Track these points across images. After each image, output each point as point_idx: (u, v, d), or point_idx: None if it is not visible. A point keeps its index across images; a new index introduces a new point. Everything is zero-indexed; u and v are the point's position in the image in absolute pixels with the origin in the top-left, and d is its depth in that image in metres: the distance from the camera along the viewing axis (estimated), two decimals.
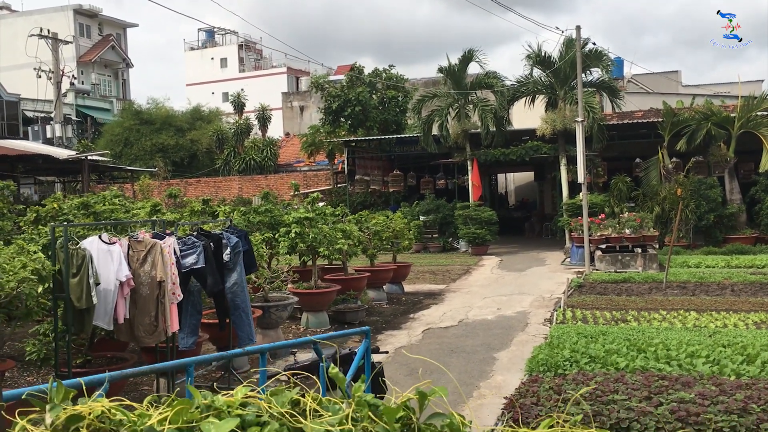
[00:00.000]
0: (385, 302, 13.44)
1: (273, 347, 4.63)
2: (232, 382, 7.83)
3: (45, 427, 1.71)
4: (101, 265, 5.71)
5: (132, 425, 1.72)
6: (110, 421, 1.75)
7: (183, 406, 1.76)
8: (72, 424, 1.69)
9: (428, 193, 25.02)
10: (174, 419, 1.73)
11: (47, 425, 1.70)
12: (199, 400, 1.82)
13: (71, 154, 25.76)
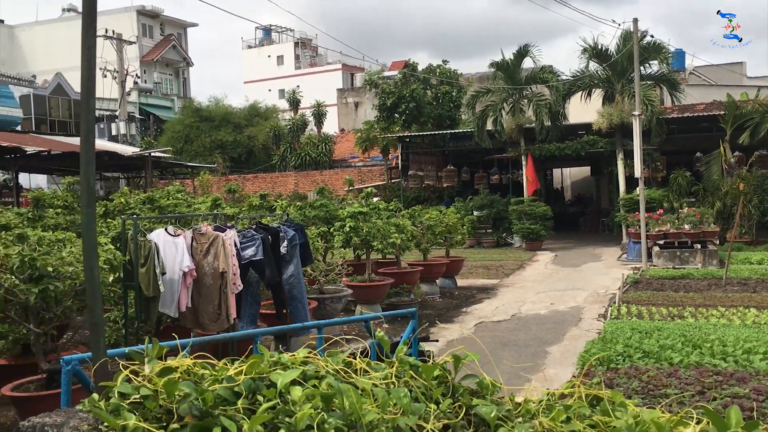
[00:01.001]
0: (437, 296, 13.57)
1: (330, 323, 4.96)
2: None
3: (144, 376, 1.96)
4: (167, 256, 6.03)
5: (214, 376, 1.97)
6: (194, 375, 2.00)
7: (255, 361, 2.01)
8: (165, 375, 1.94)
9: (482, 189, 25.00)
10: (248, 371, 1.99)
11: (146, 374, 1.96)
12: (267, 357, 2.06)
13: (135, 151, 26.70)
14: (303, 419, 1.76)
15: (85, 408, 1.92)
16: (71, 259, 5.56)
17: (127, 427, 1.73)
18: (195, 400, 1.84)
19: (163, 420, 1.84)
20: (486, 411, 1.86)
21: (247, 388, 1.94)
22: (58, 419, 1.82)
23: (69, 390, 2.98)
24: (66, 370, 2.95)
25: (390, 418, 1.78)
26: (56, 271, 5.36)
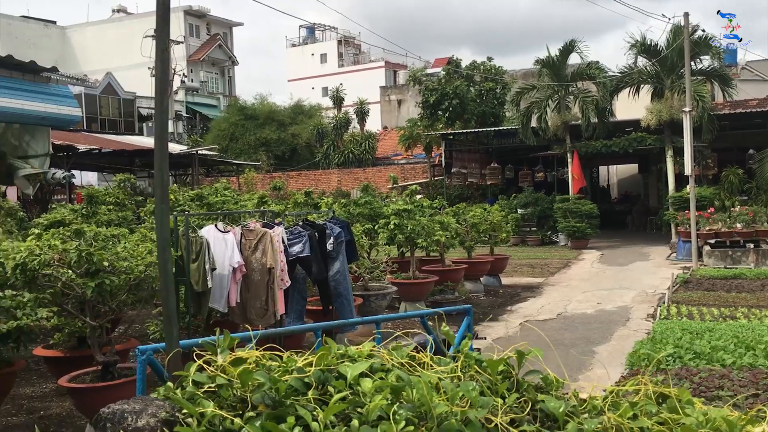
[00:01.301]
0: (482, 294, 13.51)
1: (388, 318, 5.01)
2: None
3: (216, 366, 2.02)
4: (217, 252, 6.14)
5: (283, 367, 2.02)
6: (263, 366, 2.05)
7: (324, 353, 2.05)
8: (237, 365, 2.00)
9: (526, 186, 24.77)
10: (317, 363, 2.04)
11: (218, 364, 2.02)
12: (335, 350, 2.10)
13: (183, 149, 27.17)
14: (374, 410, 1.78)
15: (160, 396, 1.98)
16: (125, 255, 5.71)
17: (205, 414, 1.78)
18: (268, 390, 1.89)
19: (237, 408, 1.89)
20: (554, 406, 1.86)
21: (316, 379, 1.98)
22: (137, 406, 1.88)
23: (144, 379, 3.08)
24: (141, 360, 3.05)
25: (460, 411, 1.80)
26: (111, 265, 5.51)
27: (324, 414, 1.77)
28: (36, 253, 5.32)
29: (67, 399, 7.28)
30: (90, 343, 5.80)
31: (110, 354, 5.75)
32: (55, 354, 7.22)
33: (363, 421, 1.78)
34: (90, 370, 5.88)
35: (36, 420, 6.71)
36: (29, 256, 5.30)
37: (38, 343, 7.44)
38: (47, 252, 5.34)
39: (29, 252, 5.32)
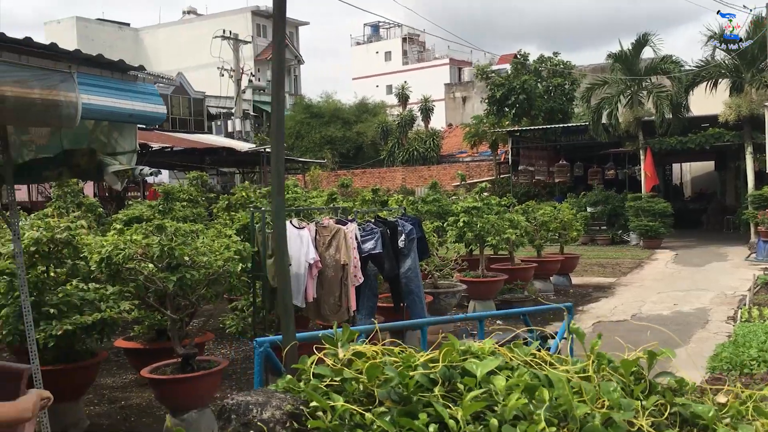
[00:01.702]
0: (551, 294, 13.25)
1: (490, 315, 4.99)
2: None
3: (337, 359, 2.02)
4: (292, 248, 6.18)
5: (404, 362, 1.99)
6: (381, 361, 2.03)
7: (449, 348, 2.01)
8: (356, 359, 1.99)
9: (596, 184, 24.20)
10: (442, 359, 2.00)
11: (339, 358, 2.02)
12: (458, 346, 2.06)
13: (251, 147, 27.67)
14: (512, 409, 1.74)
15: (280, 389, 1.98)
16: (204, 249, 5.82)
17: (336, 409, 1.77)
18: (396, 385, 1.86)
19: (364, 403, 1.87)
20: (703, 410, 1.78)
21: (442, 375, 1.94)
22: (260, 398, 1.88)
23: (262, 371, 3.12)
24: (258, 352, 3.09)
25: (603, 413, 1.73)
26: (191, 260, 5.62)
27: (463, 411, 1.73)
28: (120, 248, 5.47)
29: (147, 390, 7.49)
30: (170, 335, 5.93)
31: (190, 346, 5.88)
32: (135, 346, 7.45)
33: (500, 420, 1.73)
34: (170, 362, 6.02)
35: (117, 410, 6.94)
36: (114, 251, 5.46)
37: (118, 335, 7.68)
38: (131, 246, 5.49)
39: (114, 246, 5.48)
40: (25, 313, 4.48)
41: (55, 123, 3.73)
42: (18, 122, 3.73)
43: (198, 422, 5.72)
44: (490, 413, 1.77)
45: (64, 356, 6.22)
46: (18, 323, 6.09)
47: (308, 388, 1.90)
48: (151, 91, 4.36)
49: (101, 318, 6.05)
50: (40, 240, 6.08)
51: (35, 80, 3.62)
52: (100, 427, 6.42)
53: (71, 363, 6.17)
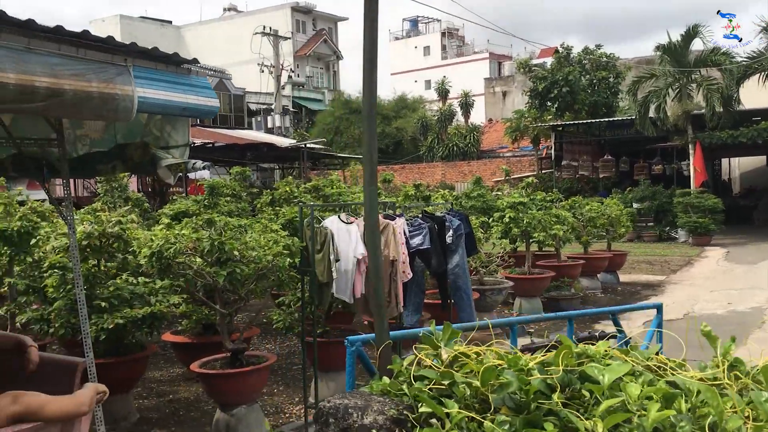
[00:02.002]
0: (599, 291, 12.98)
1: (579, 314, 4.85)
2: None
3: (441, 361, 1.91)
4: (341, 243, 6.11)
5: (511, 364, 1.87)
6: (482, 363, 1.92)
7: (566, 351, 1.88)
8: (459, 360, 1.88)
9: (642, 179, 23.65)
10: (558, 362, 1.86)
11: (443, 360, 1.91)
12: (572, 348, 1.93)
13: (292, 143, 27.77)
14: (654, 422, 1.61)
15: (375, 391, 1.88)
16: (253, 244, 5.77)
17: (452, 416, 1.66)
18: (513, 392, 1.74)
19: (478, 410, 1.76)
20: None
21: (561, 380, 1.81)
22: (359, 402, 1.79)
23: (353, 372, 2.97)
24: (350, 351, 2.93)
25: (757, 426, 1.60)
26: (241, 255, 5.58)
27: (604, 424, 1.60)
28: (171, 242, 5.46)
29: (194, 384, 7.52)
30: (219, 330, 5.92)
31: (239, 341, 5.85)
32: (183, 340, 7.47)
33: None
34: (219, 356, 6.01)
35: (166, 403, 6.97)
36: (165, 245, 5.45)
37: (165, 329, 7.72)
38: (182, 241, 5.48)
39: (165, 240, 5.47)
40: (80, 306, 4.49)
41: (111, 116, 3.70)
42: (75, 115, 3.72)
43: (247, 417, 5.70)
44: (624, 425, 1.64)
45: (114, 349, 6.26)
46: (70, 316, 6.15)
47: (413, 391, 1.78)
48: (204, 85, 4.32)
49: (151, 312, 6.08)
50: (91, 234, 6.12)
51: (92, 73, 3.59)
52: (150, 421, 6.44)
53: (122, 356, 6.20)
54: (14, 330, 7.05)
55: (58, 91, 3.40)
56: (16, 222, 7.19)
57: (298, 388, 7.31)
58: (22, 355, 4.35)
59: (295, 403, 6.85)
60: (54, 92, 3.38)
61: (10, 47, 3.24)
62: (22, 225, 7.00)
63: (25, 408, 3.12)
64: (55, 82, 3.39)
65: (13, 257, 7.28)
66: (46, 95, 3.36)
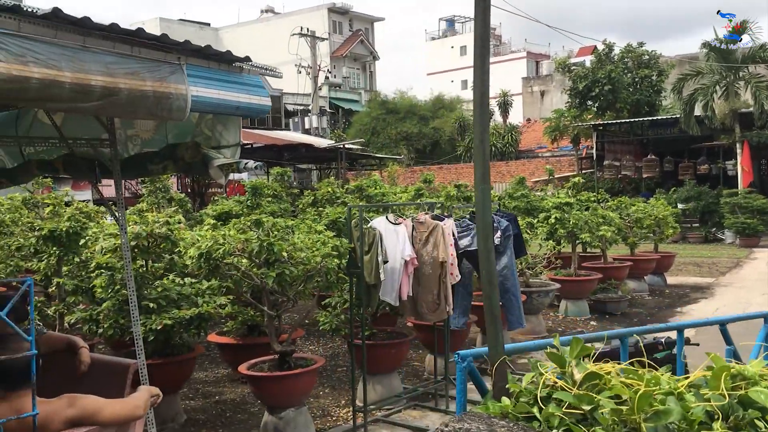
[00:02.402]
0: (646, 294, 12.65)
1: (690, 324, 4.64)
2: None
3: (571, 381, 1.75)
4: (389, 244, 6.00)
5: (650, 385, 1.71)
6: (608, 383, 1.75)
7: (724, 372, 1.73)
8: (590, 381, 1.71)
9: (687, 179, 23.08)
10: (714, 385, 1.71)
11: (574, 379, 1.74)
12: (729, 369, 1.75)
13: (330, 143, 27.79)
14: None
15: (493, 412, 1.73)
16: (301, 245, 5.70)
17: None
18: (671, 421, 1.58)
19: None
20: None
21: (722, 408, 1.65)
22: (481, 426, 1.64)
23: (465, 390, 2.67)
24: (461, 368, 2.64)
25: None
26: (289, 256, 5.51)
27: None
28: (220, 243, 5.41)
29: (240, 385, 7.49)
30: (267, 332, 5.85)
31: (287, 343, 5.78)
32: (228, 341, 7.44)
33: None
34: (267, 358, 5.95)
35: (212, 404, 6.94)
36: (214, 246, 5.40)
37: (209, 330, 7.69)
38: (230, 242, 5.42)
39: (214, 241, 5.43)
40: (132, 308, 4.46)
41: (165, 116, 3.64)
42: (130, 115, 3.67)
43: (295, 420, 5.62)
44: None
45: (161, 350, 6.24)
46: (118, 317, 6.15)
47: (545, 415, 1.61)
48: (256, 83, 4.24)
49: (199, 313, 6.04)
50: (140, 234, 6.12)
51: (147, 72, 3.54)
52: (197, 422, 6.42)
53: (170, 357, 6.18)
54: (63, 330, 7.10)
55: (114, 90, 3.35)
56: (64, 222, 7.25)
57: (344, 391, 7.23)
58: (73, 356, 4.33)
59: (342, 406, 6.77)
60: (109, 91, 3.33)
61: (65, 45, 3.20)
62: (71, 225, 7.04)
63: (80, 412, 3.06)
64: (111, 81, 3.34)
65: (61, 257, 7.35)
66: (102, 94, 3.31)
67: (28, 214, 9.53)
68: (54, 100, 3.18)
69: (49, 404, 2.98)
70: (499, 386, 1.81)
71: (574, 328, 10.09)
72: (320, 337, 9.63)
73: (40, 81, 3.03)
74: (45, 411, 2.90)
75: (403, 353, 6.79)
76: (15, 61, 2.94)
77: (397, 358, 6.70)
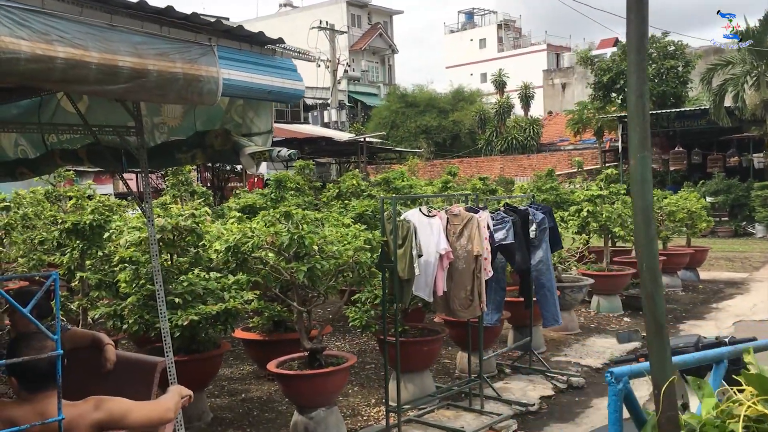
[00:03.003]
0: (679, 289, 12.30)
1: None
2: (532, 363, 7.61)
3: None
4: (422, 237, 5.76)
5: None
6: None
7: None
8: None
9: (716, 172, 22.57)
10: None
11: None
12: None
13: (350, 137, 27.59)
14: None
15: None
16: (332, 238, 5.48)
17: None
18: None
19: None
20: None
21: None
22: None
23: (620, 419, 2.20)
24: (616, 391, 2.18)
25: None
26: (320, 249, 5.29)
27: None
28: (248, 236, 5.20)
29: (266, 382, 7.30)
30: (297, 328, 5.64)
31: (317, 341, 5.56)
32: (254, 337, 7.26)
33: None
34: (296, 356, 5.74)
35: (239, 402, 6.75)
36: (242, 239, 5.19)
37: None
38: (260, 235, 5.21)
39: (242, 234, 5.21)
40: (160, 303, 4.26)
41: (195, 99, 3.42)
42: (158, 98, 3.45)
43: (326, 420, 5.41)
44: None
45: (186, 347, 6.06)
46: (143, 312, 5.97)
47: None
48: (289, 66, 4.01)
49: (225, 308, 5.84)
50: (165, 227, 5.93)
51: (177, 53, 3.32)
52: (224, 421, 6.23)
53: (196, 354, 5.99)
54: (86, 326, 6.94)
55: (142, 72, 3.13)
56: (87, 215, 7.08)
57: (373, 389, 7.02)
58: (98, 353, 4.15)
59: (372, 405, 6.54)
60: (138, 73, 3.11)
61: (92, 24, 2.98)
62: (95, 218, 6.87)
63: (108, 415, 2.87)
64: (139, 62, 3.12)
65: (84, 251, 7.18)
66: (130, 76, 3.10)
67: (50, 207, 9.42)
68: (80, 83, 2.97)
69: (74, 407, 2.79)
70: (668, 416, 1.48)
71: (608, 325, 9.80)
72: (346, 333, 9.42)
73: (65, 61, 2.82)
74: (70, 414, 2.71)
75: (435, 351, 6.55)
76: (39, 39, 2.73)
77: (429, 356, 6.46)
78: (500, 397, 6.64)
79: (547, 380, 7.32)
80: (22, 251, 8.30)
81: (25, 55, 2.68)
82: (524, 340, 7.66)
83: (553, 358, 8.13)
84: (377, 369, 7.66)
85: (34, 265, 7.98)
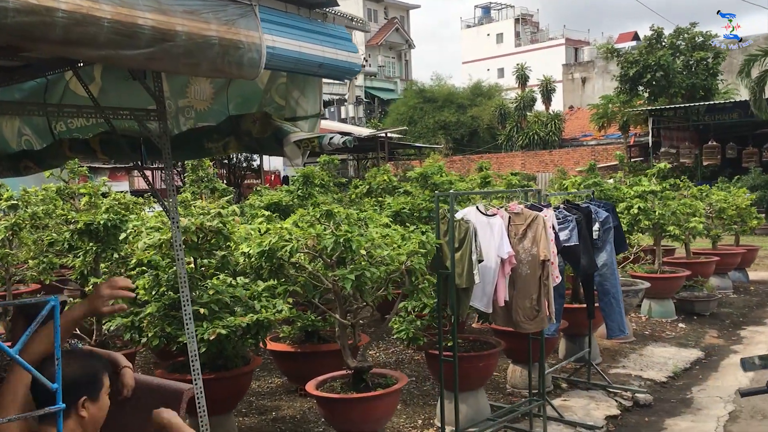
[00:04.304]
0: (730, 291, 11.49)
1: None
2: (590, 377, 6.88)
3: None
4: (482, 239, 5.04)
5: None
6: None
7: None
8: None
9: (753, 167, 21.64)
10: None
11: None
12: None
13: (370, 132, 26.94)
14: None
15: None
16: (380, 242, 4.76)
17: None
18: None
19: None
20: None
21: None
22: None
23: None
24: None
25: None
26: (369, 254, 4.57)
27: None
28: (286, 239, 4.49)
29: (298, 398, 6.61)
30: (340, 344, 4.91)
31: (363, 359, 4.84)
32: (285, 348, 6.55)
33: None
34: (338, 374, 5.04)
35: (269, 422, 6.06)
36: (278, 242, 4.48)
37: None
38: (299, 238, 4.50)
39: (279, 237, 4.50)
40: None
41: (233, 72, 2.72)
42: (188, 69, 2.73)
43: None
44: None
45: (212, 363, 5.37)
46: (164, 323, 5.30)
47: None
48: (344, 35, 3.30)
49: (257, 320, 5.14)
50: (188, 228, 5.23)
51: (210, 12, 2.62)
52: None
53: (224, 371, 5.29)
54: (100, 338, 6.29)
55: (168, 34, 2.43)
56: (102, 215, 6.43)
57: (419, 407, 6.29)
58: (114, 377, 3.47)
59: (419, 426, 5.82)
60: (162, 35, 2.40)
61: None
62: (109, 218, 6.22)
63: None
64: (164, 20, 2.41)
65: (99, 254, 6.53)
66: (153, 39, 2.39)
67: (62, 205, 8.79)
68: (88, 45, 2.26)
69: None
70: None
71: (663, 332, 9.03)
72: (379, 341, 8.70)
73: (68, 14, 2.12)
74: None
75: (492, 366, 5.81)
76: None
77: (485, 372, 5.73)
78: (563, 417, 5.91)
79: (609, 397, 6.58)
80: (32, 252, 7.68)
81: (13, 3, 1.99)
82: (583, 352, 6.92)
83: (611, 371, 7.38)
84: (419, 383, 6.95)
85: (44, 269, 7.37)
